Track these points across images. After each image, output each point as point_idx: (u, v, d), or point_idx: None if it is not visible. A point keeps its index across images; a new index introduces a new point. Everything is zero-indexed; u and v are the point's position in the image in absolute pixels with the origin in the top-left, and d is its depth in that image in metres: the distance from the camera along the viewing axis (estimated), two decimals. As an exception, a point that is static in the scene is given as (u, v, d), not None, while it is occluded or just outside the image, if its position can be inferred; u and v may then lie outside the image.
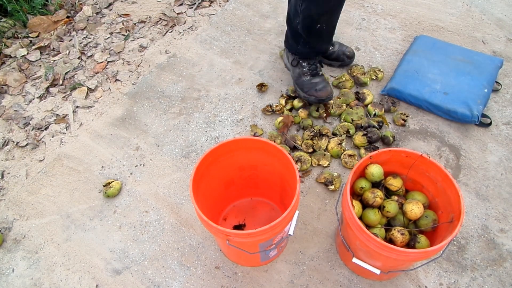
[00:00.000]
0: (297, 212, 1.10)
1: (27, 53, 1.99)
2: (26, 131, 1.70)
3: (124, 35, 2.06)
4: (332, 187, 1.41)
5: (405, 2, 2.08)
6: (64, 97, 1.81)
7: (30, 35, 2.08)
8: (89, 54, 1.98)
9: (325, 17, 1.41)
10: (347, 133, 1.55)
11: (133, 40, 2.03)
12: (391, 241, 1.08)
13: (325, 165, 1.48)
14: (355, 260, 1.08)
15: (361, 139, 1.50)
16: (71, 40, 2.05)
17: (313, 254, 1.29)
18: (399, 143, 1.54)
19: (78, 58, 1.97)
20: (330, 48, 1.78)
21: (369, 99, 1.63)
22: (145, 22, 2.11)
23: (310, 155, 1.50)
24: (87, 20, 2.14)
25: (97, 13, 2.17)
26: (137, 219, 1.40)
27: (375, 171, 1.13)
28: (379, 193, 1.12)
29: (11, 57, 1.99)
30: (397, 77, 1.66)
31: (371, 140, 1.50)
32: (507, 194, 1.40)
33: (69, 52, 1.99)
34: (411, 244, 1.08)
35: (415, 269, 1.24)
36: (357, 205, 1.12)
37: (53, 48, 2.02)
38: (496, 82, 1.66)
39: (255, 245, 1.06)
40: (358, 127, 1.56)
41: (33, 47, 2.02)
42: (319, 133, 1.55)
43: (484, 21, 1.96)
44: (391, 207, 1.10)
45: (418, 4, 2.06)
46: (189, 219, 1.39)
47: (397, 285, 1.22)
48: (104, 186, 1.45)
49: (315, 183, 1.45)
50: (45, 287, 1.28)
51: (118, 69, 1.91)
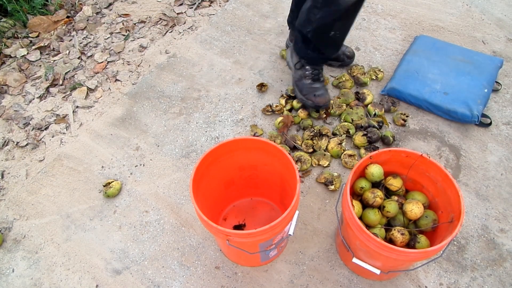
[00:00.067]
0: (297, 212, 1.10)
1: (27, 53, 1.99)
2: (26, 131, 1.70)
3: (124, 35, 2.06)
4: (332, 187, 1.41)
5: (405, 2, 2.08)
6: (64, 97, 1.81)
7: (30, 35, 2.08)
8: (89, 54, 1.98)
9: (339, 25, 1.37)
10: (347, 133, 1.55)
11: (133, 40, 2.03)
12: (391, 241, 1.08)
13: (325, 165, 1.48)
14: (355, 260, 1.08)
15: (361, 139, 1.50)
16: (71, 40, 2.05)
17: (313, 254, 1.29)
18: (399, 143, 1.54)
19: (78, 58, 1.97)
20: None
21: (369, 99, 1.63)
22: (145, 22, 2.11)
23: (310, 155, 1.50)
24: (87, 20, 2.14)
25: (97, 13, 2.17)
26: (137, 219, 1.40)
27: (375, 171, 1.13)
28: (379, 193, 1.12)
29: (11, 57, 1.99)
30: (397, 77, 1.66)
31: (371, 140, 1.50)
32: (507, 194, 1.40)
33: (69, 52, 1.99)
34: (411, 244, 1.08)
35: (415, 269, 1.24)
36: (357, 205, 1.12)
37: (53, 48, 2.02)
38: (496, 82, 1.66)
39: (255, 245, 1.06)
40: (358, 127, 1.56)
41: (33, 47, 2.02)
42: (319, 133, 1.55)
43: (484, 21, 1.96)
44: (391, 207, 1.10)
45: (418, 4, 2.06)
46: (189, 219, 1.39)
47: (397, 285, 1.22)
48: (104, 186, 1.45)
49: (315, 183, 1.45)
50: (45, 287, 1.28)
51: (118, 69, 1.91)
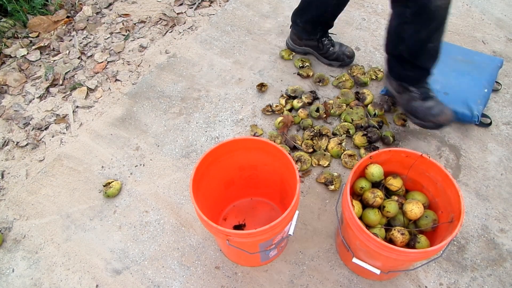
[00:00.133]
0: (297, 212, 1.10)
1: (27, 53, 1.99)
2: (26, 131, 1.70)
3: (124, 35, 2.06)
4: (332, 187, 1.41)
5: (405, 2, 2.07)
6: (64, 97, 1.81)
7: (30, 35, 2.08)
8: (89, 54, 1.98)
9: (435, 33, 1.28)
10: (347, 133, 1.55)
11: (133, 40, 2.03)
12: (391, 241, 1.08)
13: (325, 165, 1.48)
14: (355, 260, 1.08)
15: (361, 139, 1.50)
16: (71, 40, 2.05)
17: (313, 254, 1.29)
18: (399, 143, 1.54)
19: (78, 58, 1.97)
20: (331, 48, 1.76)
21: (369, 99, 1.63)
22: (145, 22, 2.11)
23: (310, 155, 1.50)
24: (87, 20, 2.14)
25: (97, 13, 2.17)
26: (137, 219, 1.40)
27: (375, 171, 1.13)
28: (379, 193, 1.12)
29: (11, 57, 1.99)
30: (397, 77, 1.66)
31: (371, 140, 1.50)
32: (507, 194, 1.40)
33: (69, 52, 1.99)
34: (411, 244, 1.08)
35: (415, 269, 1.24)
36: (357, 205, 1.12)
37: (53, 48, 2.02)
38: (496, 82, 1.66)
39: (255, 245, 1.06)
40: (358, 127, 1.56)
41: (33, 47, 2.02)
42: (319, 133, 1.55)
43: (484, 21, 1.95)
44: (391, 207, 1.10)
45: (418, 4, 2.06)
46: (189, 219, 1.39)
47: (397, 285, 1.22)
48: (104, 186, 1.45)
49: (315, 183, 1.45)
50: (45, 287, 1.28)
51: (118, 69, 1.91)
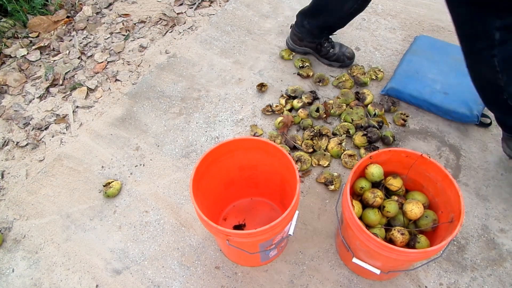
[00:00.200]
0: (297, 212, 1.10)
1: (27, 53, 1.99)
2: (26, 131, 1.70)
3: (124, 35, 2.06)
4: (332, 187, 1.41)
5: (405, 2, 2.08)
6: (64, 97, 1.81)
7: (30, 35, 2.08)
8: (89, 54, 1.98)
9: None
10: (347, 133, 1.55)
11: (133, 40, 2.03)
12: (391, 241, 1.08)
13: (325, 165, 1.48)
14: (355, 260, 1.08)
15: (361, 139, 1.50)
16: (71, 40, 2.05)
17: (313, 254, 1.29)
18: (399, 143, 1.54)
19: (78, 58, 1.97)
20: (331, 50, 1.76)
21: (369, 99, 1.63)
22: (145, 22, 2.11)
23: (310, 155, 1.50)
24: (87, 20, 2.14)
25: (97, 13, 2.17)
26: (137, 219, 1.40)
27: (375, 171, 1.13)
28: (379, 193, 1.12)
29: (11, 57, 1.99)
30: (397, 77, 1.66)
31: (371, 140, 1.50)
32: (507, 194, 1.40)
33: (69, 52, 1.99)
34: (411, 244, 1.08)
35: (415, 269, 1.24)
36: (357, 205, 1.12)
37: (53, 48, 2.02)
38: (496, 82, 1.66)
39: (255, 245, 1.06)
40: (358, 127, 1.56)
41: (33, 47, 2.02)
42: (319, 133, 1.55)
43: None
44: (391, 207, 1.10)
45: (418, 4, 2.06)
46: (189, 219, 1.39)
47: (397, 285, 1.22)
48: (104, 186, 1.45)
49: (315, 183, 1.45)
50: (45, 287, 1.28)
51: (118, 69, 1.91)
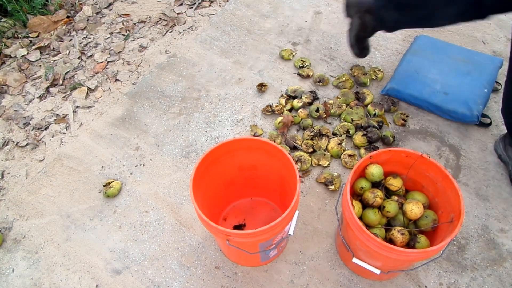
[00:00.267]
0: (297, 212, 1.10)
1: (27, 53, 1.99)
2: (26, 131, 1.70)
3: (124, 35, 2.06)
4: (332, 187, 1.41)
5: (405, 2, 2.07)
6: (64, 97, 1.81)
7: (30, 35, 2.08)
8: (89, 54, 1.98)
9: None
10: (347, 133, 1.55)
11: (133, 40, 2.03)
12: (391, 241, 1.08)
13: (325, 165, 1.48)
14: (355, 260, 1.08)
15: (361, 139, 1.50)
16: (71, 40, 2.05)
17: (313, 254, 1.29)
18: (399, 143, 1.54)
19: (78, 58, 1.97)
20: None
21: (369, 99, 1.63)
22: (145, 22, 2.11)
23: (310, 155, 1.50)
24: (87, 20, 2.14)
25: (97, 13, 2.17)
26: (137, 219, 1.40)
27: (375, 171, 1.13)
28: (379, 193, 1.12)
29: (11, 57, 1.99)
30: (397, 77, 1.66)
31: (371, 140, 1.50)
32: (507, 194, 1.40)
33: (69, 52, 1.99)
34: (411, 244, 1.08)
35: (415, 269, 1.24)
36: (357, 205, 1.12)
37: (53, 48, 2.02)
38: (496, 82, 1.66)
39: (255, 245, 1.06)
40: (358, 127, 1.56)
41: (33, 47, 2.02)
42: (319, 133, 1.55)
43: (484, 21, 1.95)
44: (391, 207, 1.10)
45: (418, 4, 2.06)
46: (189, 219, 1.39)
47: (397, 285, 1.22)
48: (104, 186, 1.45)
49: (315, 183, 1.45)
50: (45, 287, 1.28)
51: (118, 69, 1.91)
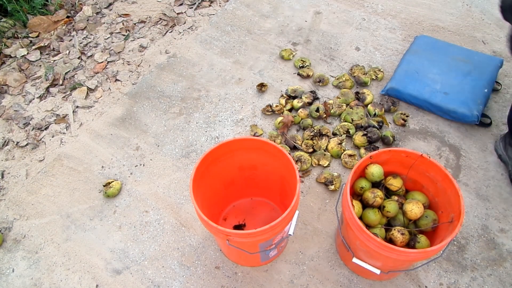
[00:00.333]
0: (297, 212, 1.10)
1: (27, 53, 1.99)
2: (26, 131, 1.70)
3: (124, 35, 2.06)
4: (332, 187, 1.41)
5: (405, 2, 2.08)
6: (64, 97, 1.81)
7: (30, 35, 2.08)
8: (89, 54, 1.98)
9: None
10: (347, 133, 1.55)
11: (133, 40, 2.03)
12: (391, 241, 1.08)
13: (325, 165, 1.48)
14: (355, 260, 1.08)
15: (361, 139, 1.50)
16: (71, 40, 2.05)
17: (313, 254, 1.29)
18: (399, 143, 1.54)
19: (78, 58, 1.97)
20: None
21: (369, 99, 1.63)
22: (145, 22, 2.11)
23: (310, 155, 1.50)
24: (87, 20, 2.14)
25: (97, 13, 2.17)
26: (137, 219, 1.40)
27: (375, 171, 1.13)
28: (379, 193, 1.12)
29: (11, 57, 1.99)
30: (397, 77, 1.66)
31: (371, 140, 1.50)
32: (507, 194, 1.40)
33: (69, 52, 1.99)
34: (411, 244, 1.08)
35: (415, 269, 1.24)
36: (357, 205, 1.12)
37: (53, 48, 2.02)
38: (496, 82, 1.66)
39: (255, 245, 1.06)
40: (358, 127, 1.56)
41: (33, 47, 2.02)
42: (319, 133, 1.55)
43: (484, 21, 1.95)
44: (391, 207, 1.10)
45: (418, 4, 2.06)
46: (189, 219, 1.39)
47: (397, 285, 1.22)
48: (104, 186, 1.45)
49: (315, 183, 1.45)
50: (45, 287, 1.28)
51: (118, 69, 1.91)
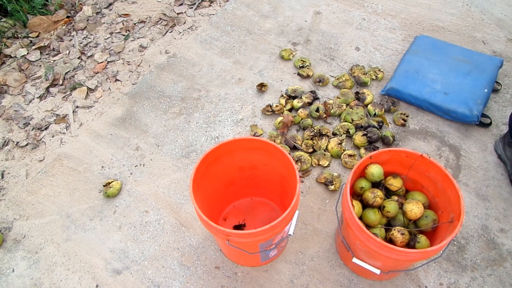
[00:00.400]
0: (297, 212, 1.10)
1: (27, 53, 1.99)
2: (26, 131, 1.70)
3: (124, 35, 2.06)
4: (332, 187, 1.41)
5: (405, 2, 2.08)
6: (64, 97, 1.81)
7: (30, 35, 2.08)
8: (89, 54, 1.98)
9: None
10: (347, 133, 1.55)
11: (133, 40, 2.03)
12: (391, 241, 1.08)
13: (325, 165, 1.48)
14: (355, 260, 1.08)
15: (361, 139, 1.50)
16: (71, 40, 2.05)
17: (313, 254, 1.29)
18: (399, 143, 1.54)
19: (78, 58, 1.97)
20: None
21: (369, 99, 1.63)
22: (145, 22, 2.11)
23: (310, 155, 1.50)
24: (87, 20, 2.14)
25: (97, 13, 2.17)
26: (137, 219, 1.40)
27: (375, 171, 1.13)
28: (379, 193, 1.12)
29: (11, 57, 1.99)
30: (397, 77, 1.66)
31: (371, 140, 1.50)
32: (507, 194, 1.40)
33: (69, 52, 1.99)
34: (411, 244, 1.08)
35: (415, 269, 1.24)
36: (357, 205, 1.12)
37: (53, 48, 2.02)
38: (496, 82, 1.66)
39: (255, 245, 1.06)
40: (358, 127, 1.56)
41: (33, 47, 2.02)
42: (319, 133, 1.55)
43: (484, 21, 1.95)
44: (391, 207, 1.10)
45: (418, 4, 2.06)
46: (189, 219, 1.39)
47: (397, 285, 1.22)
48: (104, 186, 1.45)
49: (315, 183, 1.45)
50: (45, 287, 1.28)
51: (118, 69, 1.91)
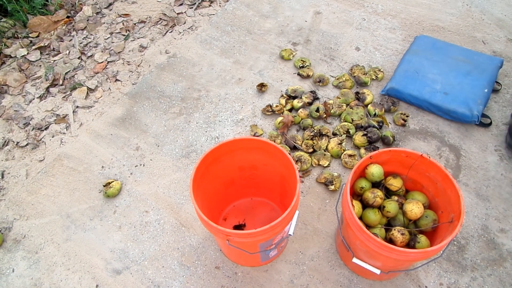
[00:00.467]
0: (297, 212, 1.10)
1: (27, 53, 1.99)
2: (26, 131, 1.70)
3: (124, 35, 2.06)
4: (332, 187, 1.41)
5: (405, 2, 2.08)
6: (64, 97, 1.81)
7: (30, 35, 2.08)
8: (89, 54, 1.98)
9: None
10: (347, 133, 1.55)
11: (133, 40, 2.03)
12: (391, 241, 1.08)
13: (325, 165, 1.48)
14: (355, 260, 1.08)
15: (361, 139, 1.50)
16: (71, 40, 2.05)
17: (313, 254, 1.29)
18: (399, 143, 1.54)
19: (78, 58, 1.97)
20: None
21: (369, 99, 1.63)
22: (145, 22, 2.11)
23: (310, 155, 1.50)
24: (87, 20, 2.14)
25: (97, 13, 2.17)
26: (137, 219, 1.40)
27: (375, 171, 1.13)
28: (379, 193, 1.12)
29: (11, 57, 1.99)
30: (397, 77, 1.66)
31: (371, 140, 1.50)
32: (507, 194, 1.40)
33: (69, 52, 1.99)
34: (411, 244, 1.08)
35: (415, 269, 1.24)
36: (357, 205, 1.12)
37: (53, 48, 2.02)
38: (496, 82, 1.66)
39: (255, 245, 1.06)
40: (358, 127, 1.56)
41: (33, 47, 2.02)
42: (319, 133, 1.55)
43: (484, 21, 1.96)
44: (391, 207, 1.10)
45: (418, 4, 2.06)
46: (189, 219, 1.39)
47: (397, 285, 1.22)
48: (104, 186, 1.45)
49: (315, 183, 1.45)
50: (45, 287, 1.28)
51: (118, 69, 1.91)
